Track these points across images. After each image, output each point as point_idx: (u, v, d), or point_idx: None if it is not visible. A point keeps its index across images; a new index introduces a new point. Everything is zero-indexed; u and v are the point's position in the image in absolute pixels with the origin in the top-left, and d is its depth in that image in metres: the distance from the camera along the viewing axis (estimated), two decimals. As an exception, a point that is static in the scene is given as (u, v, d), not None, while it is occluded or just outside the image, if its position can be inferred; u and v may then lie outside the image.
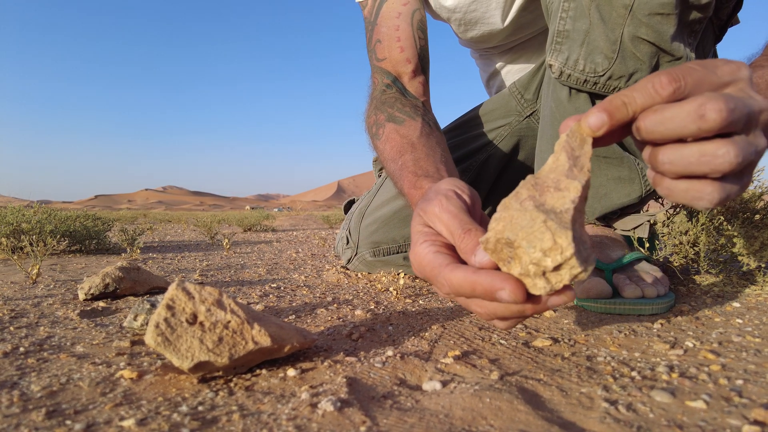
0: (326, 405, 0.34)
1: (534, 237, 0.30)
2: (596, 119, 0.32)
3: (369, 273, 1.03)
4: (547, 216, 0.30)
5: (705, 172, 0.30)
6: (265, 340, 0.40)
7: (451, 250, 0.40)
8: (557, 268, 0.30)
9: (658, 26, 0.55)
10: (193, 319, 0.39)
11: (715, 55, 0.91)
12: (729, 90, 0.31)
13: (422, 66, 0.90)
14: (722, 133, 0.30)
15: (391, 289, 0.82)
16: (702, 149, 0.30)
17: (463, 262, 0.38)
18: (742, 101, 0.30)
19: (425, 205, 0.43)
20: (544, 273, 0.30)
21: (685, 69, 0.31)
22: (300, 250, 1.75)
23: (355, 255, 1.02)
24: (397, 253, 0.97)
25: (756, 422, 0.32)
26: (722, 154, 0.29)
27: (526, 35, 0.98)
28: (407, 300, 0.74)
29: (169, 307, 0.39)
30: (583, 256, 0.30)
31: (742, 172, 0.31)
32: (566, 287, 0.32)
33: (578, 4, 0.59)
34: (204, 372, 0.39)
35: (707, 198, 0.31)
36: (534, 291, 0.32)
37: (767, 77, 0.51)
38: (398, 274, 0.96)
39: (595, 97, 0.64)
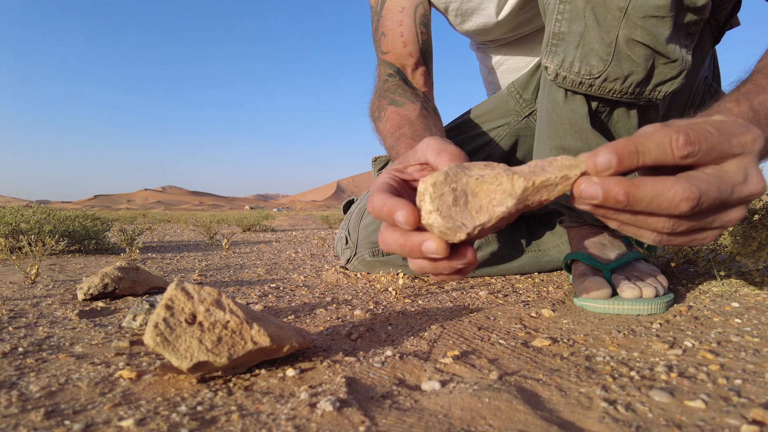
0: (325, 405, 0.34)
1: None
2: (604, 160, 0.31)
3: (368, 273, 1.03)
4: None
5: (640, 234, 0.35)
6: (264, 340, 0.40)
7: (402, 186, 0.44)
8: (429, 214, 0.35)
9: (653, 29, 0.55)
10: (192, 319, 0.39)
11: (713, 57, 0.91)
12: (733, 163, 0.32)
13: (424, 59, 0.93)
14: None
15: (390, 289, 0.82)
16: (647, 220, 0.33)
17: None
18: (720, 192, 0.31)
19: (418, 145, 0.47)
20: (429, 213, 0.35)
21: (704, 133, 0.32)
22: (299, 250, 1.75)
23: (354, 255, 1.02)
24: (396, 253, 0.97)
25: (754, 422, 0.32)
26: (660, 227, 0.33)
27: (525, 31, 0.98)
28: (406, 300, 0.74)
29: (168, 307, 0.39)
30: (457, 223, 0.34)
31: (678, 235, 0.34)
32: (463, 251, 0.36)
33: (573, 6, 0.59)
34: (203, 372, 0.39)
35: (646, 237, 0.35)
36: (431, 221, 0.35)
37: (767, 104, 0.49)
38: (397, 274, 0.96)
39: (590, 99, 0.64)
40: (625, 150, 0.31)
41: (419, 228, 0.37)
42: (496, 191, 0.34)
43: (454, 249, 0.36)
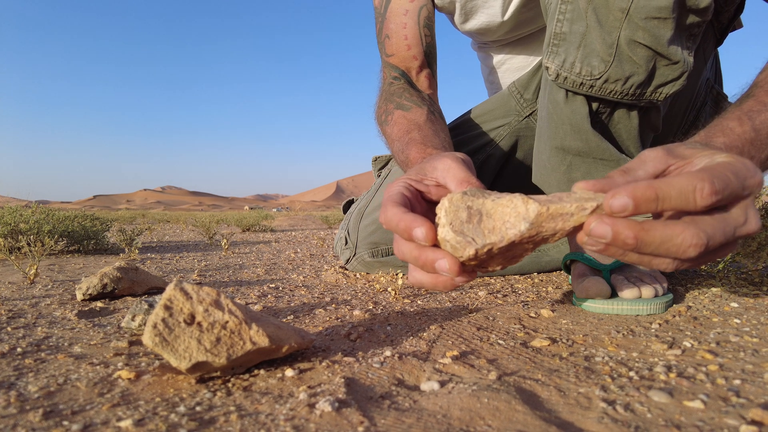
0: (324, 405, 0.34)
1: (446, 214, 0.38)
2: (620, 204, 0.31)
3: (367, 273, 1.03)
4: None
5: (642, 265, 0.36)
6: (263, 341, 0.40)
7: (416, 197, 0.44)
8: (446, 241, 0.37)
9: (655, 30, 0.55)
10: (191, 320, 0.39)
11: (716, 59, 0.91)
12: (740, 205, 0.33)
13: (428, 62, 0.93)
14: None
15: (389, 289, 0.82)
16: (652, 261, 0.34)
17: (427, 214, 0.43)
18: (725, 235, 0.32)
19: (432, 159, 0.47)
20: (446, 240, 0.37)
21: (725, 180, 0.32)
22: (299, 250, 1.75)
23: (354, 255, 1.02)
24: (396, 253, 0.97)
25: (753, 422, 0.32)
26: (663, 265, 0.35)
27: (526, 31, 0.98)
28: (405, 300, 0.74)
29: (167, 308, 0.39)
30: (467, 238, 0.36)
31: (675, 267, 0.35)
32: (466, 271, 0.37)
33: (575, 6, 0.59)
34: (202, 372, 0.39)
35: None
36: (444, 235, 0.37)
37: None
38: (396, 275, 0.96)
39: (591, 100, 0.64)
40: (644, 197, 0.31)
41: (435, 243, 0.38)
42: (510, 214, 0.34)
43: (462, 269, 0.37)
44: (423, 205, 0.46)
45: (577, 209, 0.33)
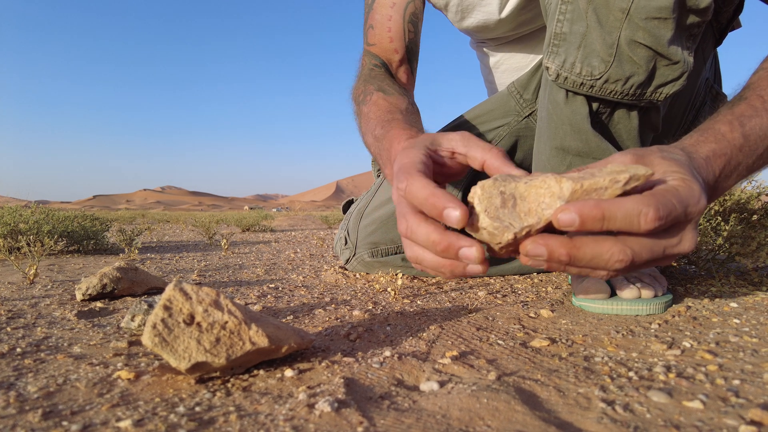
0: (323, 405, 0.34)
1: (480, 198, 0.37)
2: (568, 220, 0.33)
3: (367, 273, 1.03)
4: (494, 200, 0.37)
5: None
6: (262, 341, 0.40)
7: (431, 170, 0.43)
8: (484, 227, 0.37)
9: (655, 30, 0.55)
10: (191, 320, 0.39)
11: (715, 59, 0.91)
12: (678, 227, 0.36)
13: (409, 58, 0.94)
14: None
15: (389, 289, 0.82)
16: (590, 273, 0.36)
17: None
18: (652, 253, 0.35)
19: (442, 134, 0.47)
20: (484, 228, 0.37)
21: (670, 207, 0.34)
22: (298, 250, 1.75)
23: (354, 255, 1.02)
24: (396, 253, 0.97)
25: (753, 422, 0.32)
26: (600, 275, 0.37)
27: (525, 30, 0.98)
28: (405, 300, 0.74)
29: (167, 308, 0.39)
30: (505, 223, 0.36)
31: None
32: (485, 260, 0.37)
33: (575, 6, 0.59)
34: (201, 372, 0.39)
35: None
36: (480, 223, 0.37)
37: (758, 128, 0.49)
38: (396, 275, 0.96)
39: (591, 100, 0.64)
40: (590, 215, 0.32)
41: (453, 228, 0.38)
42: (545, 194, 0.35)
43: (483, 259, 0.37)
44: (435, 178, 0.45)
45: (610, 183, 0.34)
